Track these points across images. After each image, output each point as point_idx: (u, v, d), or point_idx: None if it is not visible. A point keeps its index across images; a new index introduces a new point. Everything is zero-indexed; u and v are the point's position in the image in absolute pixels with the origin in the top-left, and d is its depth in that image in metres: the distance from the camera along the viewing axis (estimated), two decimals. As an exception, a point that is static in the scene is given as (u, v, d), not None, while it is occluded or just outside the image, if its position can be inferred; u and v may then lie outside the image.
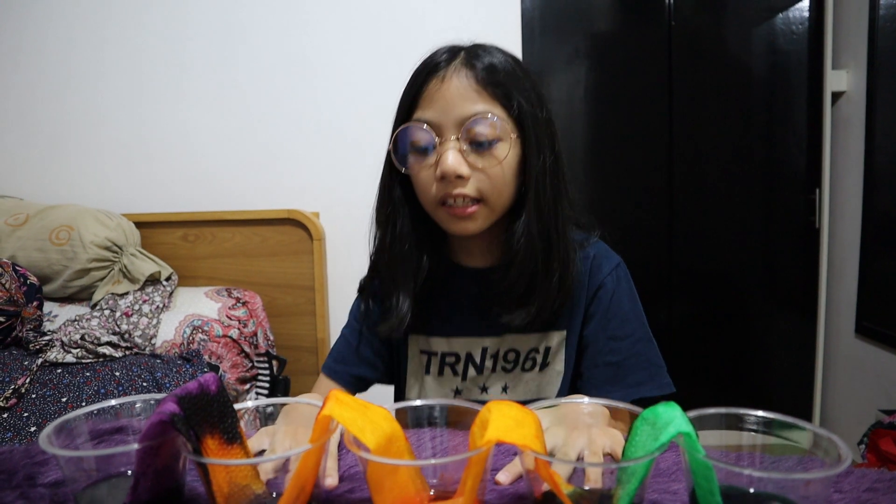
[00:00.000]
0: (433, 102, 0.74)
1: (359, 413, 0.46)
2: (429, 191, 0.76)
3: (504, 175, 0.74)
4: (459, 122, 0.72)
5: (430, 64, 0.76)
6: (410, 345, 0.88)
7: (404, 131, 0.76)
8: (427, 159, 0.75)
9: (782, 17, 2.13)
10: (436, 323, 0.86)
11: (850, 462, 0.39)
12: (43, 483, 0.54)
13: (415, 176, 0.77)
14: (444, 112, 0.73)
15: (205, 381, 0.48)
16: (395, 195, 0.81)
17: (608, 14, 2.24)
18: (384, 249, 0.83)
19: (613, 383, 0.80)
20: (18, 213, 1.79)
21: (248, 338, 1.71)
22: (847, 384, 2.15)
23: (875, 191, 1.99)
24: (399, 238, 0.81)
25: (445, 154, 0.72)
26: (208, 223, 1.96)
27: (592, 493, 0.45)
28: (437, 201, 0.76)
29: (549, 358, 0.83)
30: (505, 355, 0.84)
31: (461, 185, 0.73)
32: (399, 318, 0.81)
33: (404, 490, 0.47)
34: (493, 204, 0.76)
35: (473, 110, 0.72)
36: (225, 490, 0.46)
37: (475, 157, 0.73)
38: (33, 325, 1.53)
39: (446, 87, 0.73)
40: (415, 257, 0.81)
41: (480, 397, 0.86)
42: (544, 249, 0.76)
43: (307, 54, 2.02)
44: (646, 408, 0.44)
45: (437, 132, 0.74)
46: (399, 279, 0.82)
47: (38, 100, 2.06)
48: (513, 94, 0.74)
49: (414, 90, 0.76)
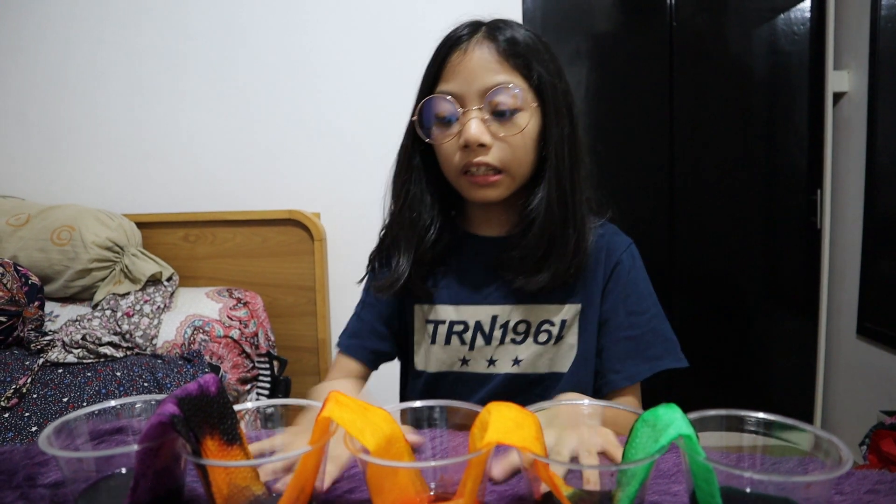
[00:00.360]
0: (456, 74, 0.77)
1: (358, 415, 0.46)
2: (452, 160, 0.79)
3: (525, 144, 0.77)
4: (482, 92, 0.75)
5: (452, 37, 0.79)
6: (416, 315, 0.89)
7: (428, 103, 0.79)
8: (450, 129, 0.78)
9: (784, 18, 2.13)
10: (444, 291, 0.87)
11: (852, 464, 0.39)
12: (43, 483, 0.54)
13: (438, 146, 0.80)
14: (467, 83, 0.76)
15: (204, 382, 0.48)
16: (415, 163, 0.84)
17: (609, 14, 2.23)
18: (395, 214, 0.86)
19: (633, 357, 0.82)
20: (20, 213, 1.79)
21: (249, 338, 1.72)
22: (848, 385, 2.15)
23: (876, 191, 1.99)
24: (410, 204, 0.84)
25: (468, 123, 0.75)
26: (209, 223, 1.96)
27: (592, 495, 0.45)
28: (459, 170, 0.79)
29: (564, 331, 0.84)
30: (515, 326, 0.84)
31: (483, 154, 0.76)
32: (395, 276, 0.84)
33: (404, 491, 0.47)
34: (513, 172, 0.79)
35: (495, 80, 0.75)
36: (224, 491, 0.46)
37: (497, 127, 0.76)
38: (35, 325, 1.53)
39: (468, 58, 0.76)
40: (423, 222, 0.84)
41: (487, 370, 0.86)
42: (562, 216, 0.79)
43: (308, 55, 2.02)
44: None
45: (460, 103, 0.77)
46: (402, 241, 0.84)
47: (39, 100, 2.06)
48: (533, 65, 0.77)
49: (437, 63, 0.79)
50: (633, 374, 0.82)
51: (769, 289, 2.29)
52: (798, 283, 2.25)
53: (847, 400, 2.17)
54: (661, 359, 0.82)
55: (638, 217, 2.25)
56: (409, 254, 0.84)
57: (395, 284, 0.84)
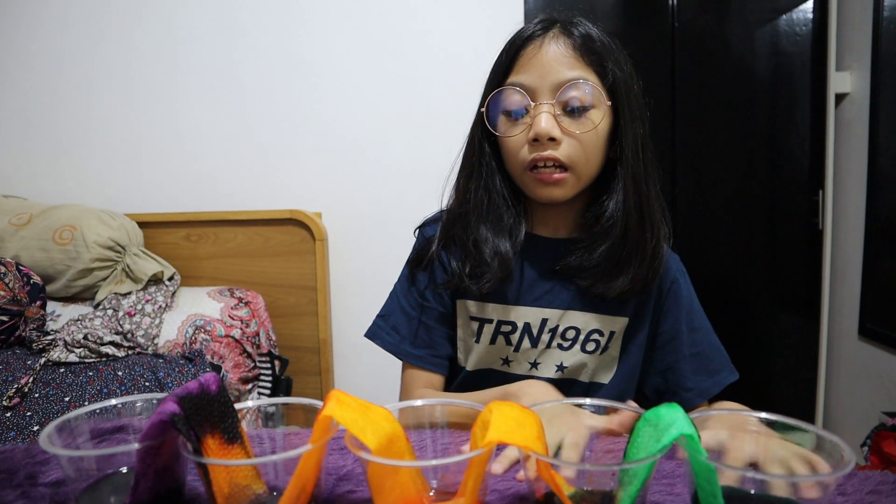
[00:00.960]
0: (530, 67, 0.75)
1: (359, 413, 0.46)
2: (518, 154, 0.77)
3: (595, 143, 0.75)
4: (555, 86, 0.74)
5: (525, 31, 0.77)
6: (459, 312, 0.86)
7: (497, 95, 0.77)
8: (518, 123, 0.76)
9: (786, 19, 2.13)
10: (494, 291, 0.83)
11: (854, 465, 0.39)
12: (44, 482, 0.54)
13: (504, 140, 0.78)
14: (541, 76, 0.74)
15: (205, 380, 0.48)
16: (485, 151, 0.82)
17: (611, 15, 2.23)
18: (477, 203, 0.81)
19: (699, 372, 0.83)
20: (22, 212, 1.79)
21: (251, 338, 1.72)
22: (850, 386, 2.15)
23: (878, 193, 1.98)
24: (490, 193, 0.81)
25: (539, 116, 0.73)
26: (211, 223, 1.96)
27: (594, 495, 0.45)
28: (526, 165, 0.76)
29: (611, 343, 0.83)
30: (564, 332, 0.83)
31: (552, 148, 0.74)
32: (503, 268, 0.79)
33: (405, 490, 0.47)
34: (580, 171, 0.76)
35: (569, 75, 0.73)
36: (225, 490, 0.46)
37: (568, 123, 0.74)
38: (36, 325, 1.54)
39: (544, 52, 0.75)
40: (509, 219, 0.81)
41: (529, 373, 0.84)
42: (639, 218, 0.77)
43: (310, 55, 2.02)
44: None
45: (532, 96, 0.75)
46: (492, 230, 0.80)
47: (42, 100, 2.07)
48: (607, 63, 0.75)
49: (510, 55, 0.78)
50: (703, 391, 0.83)
51: (771, 289, 2.28)
52: (799, 284, 2.25)
53: (848, 401, 2.16)
54: (720, 372, 0.84)
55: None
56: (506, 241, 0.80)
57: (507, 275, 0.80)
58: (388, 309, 0.89)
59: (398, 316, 0.88)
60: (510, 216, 0.82)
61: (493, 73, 0.80)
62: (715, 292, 2.29)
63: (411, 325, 0.87)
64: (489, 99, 0.78)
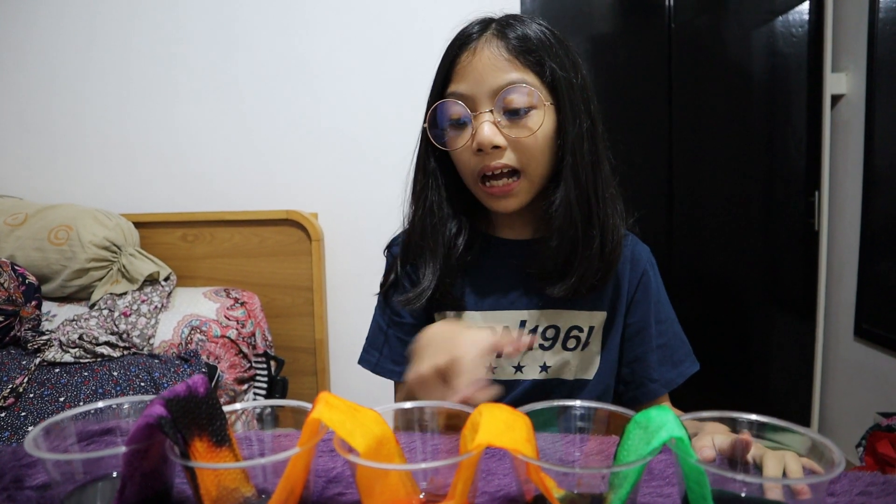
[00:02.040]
0: (466, 75, 0.74)
1: (348, 416, 0.45)
2: (468, 165, 0.76)
3: (540, 144, 0.74)
4: (492, 92, 0.73)
5: (461, 37, 0.77)
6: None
7: (440, 107, 0.77)
8: (464, 133, 0.75)
9: (782, 20, 2.13)
10: (470, 297, 0.84)
11: (843, 467, 0.39)
12: (31, 486, 0.53)
13: (453, 151, 0.78)
14: (477, 84, 0.73)
15: (193, 383, 0.48)
16: (430, 167, 0.81)
17: (608, 16, 2.23)
18: (415, 223, 0.82)
19: (664, 363, 0.84)
20: (17, 212, 1.79)
21: (247, 338, 1.71)
22: (846, 387, 2.15)
23: (874, 193, 1.98)
24: (430, 210, 0.81)
25: (481, 126, 0.73)
26: (207, 223, 1.96)
27: (583, 498, 0.45)
28: (476, 175, 0.76)
29: (591, 338, 0.83)
30: (544, 332, 0.83)
31: (498, 157, 0.74)
32: (419, 290, 0.80)
33: (394, 493, 0.46)
34: (531, 175, 0.76)
35: (506, 80, 0.72)
36: (213, 493, 0.46)
37: (511, 127, 0.73)
38: (32, 325, 1.53)
39: (478, 58, 0.74)
40: (445, 231, 0.81)
41: (514, 377, 0.84)
42: (584, 217, 0.76)
43: (306, 55, 2.02)
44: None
45: (471, 105, 0.74)
46: (427, 251, 0.81)
47: (37, 100, 2.06)
48: (545, 61, 0.74)
49: (447, 64, 0.77)
50: (668, 382, 0.83)
51: (767, 290, 2.29)
52: (796, 285, 2.25)
53: (844, 401, 2.16)
54: (683, 363, 0.84)
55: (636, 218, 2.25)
56: (436, 264, 0.80)
57: (421, 297, 0.80)
58: (371, 331, 0.91)
59: (377, 336, 0.89)
60: (456, 230, 0.81)
61: (433, 83, 0.79)
62: (711, 292, 2.29)
63: (390, 342, 0.88)
64: (430, 113, 0.77)
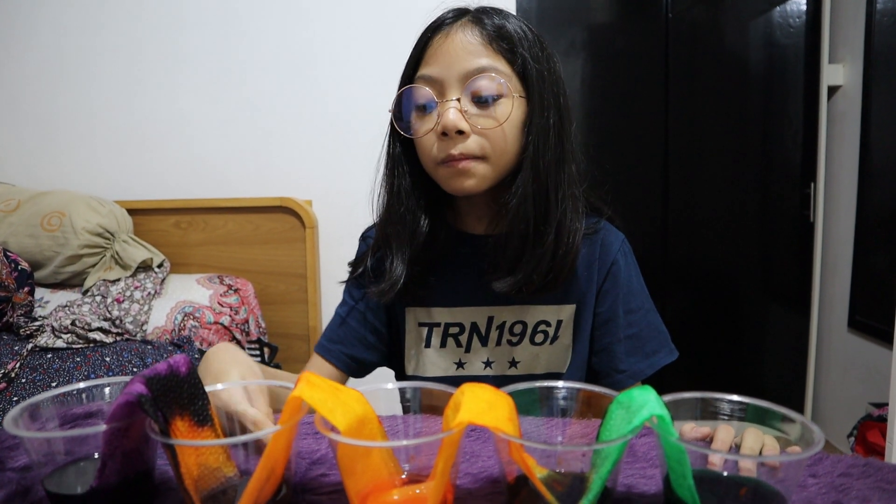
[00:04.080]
0: (437, 58, 0.73)
1: (329, 394, 0.45)
2: (430, 150, 0.74)
3: (506, 134, 0.72)
4: (462, 77, 0.71)
5: (436, 22, 0.75)
6: (408, 318, 0.86)
7: (407, 92, 0.75)
8: (428, 119, 0.74)
9: (779, 11, 2.12)
10: (438, 293, 0.83)
11: (822, 446, 0.39)
12: (12, 468, 0.53)
13: (417, 137, 0.76)
14: (448, 67, 0.72)
15: (174, 362, 0.48)
16: (397, 154, 0.79)
17: (605, 6, 2.22)
18: (382, 211, 0.81)
19: (634, 354, 0.82)
20: (10, 198, 1.78)
21: (240, 325, 1.71)
22: (839, 378, 2.16)
23: (869, 186, 1.99)
24: (397, 197, 0.79)
25: (447, 111, 0.71)
26: (201, 210, 1.95)
27: (565, 477, 0.45)
28: (437, 161, 0.74)
29: (560, 331, 0.83)
30: (511, 327, 0.82)
31: (462, 142, 0.72)
32: (391, 281, 0.79)
33: (376, 473, 0.46)
34: (494, 162, 0.74)
35: (477, 65, 0.71)
36: (194, 472, 0.46)
37: (477, 114, 0.72)
38: (24, 311, 1.53)
39: (450, 42, 0.72)
40: (413, 219, 0.79)
41: (484, 372, 0.84)
42: (539, 213, 0.74)
43: (301, 43, 2.01)
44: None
45: (440, 89, 0.73)
46: (394, 241, 0.79)
47: (30, 86, 2.05)
48: (518, 50, 0.73)
49: (419, 47, 0.76)
50: (636, 373, 0.81)
51: (762, 282, 2.29)
52: (790, 277, 2.25)
53: (837, 392, 2.17)
54: (657, 353, 0.82)
55: (631, 209, 2.24)
56: (403, 253, 0.79)
57: (393, 288, 0.79)
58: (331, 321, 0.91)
59: (332, 321, 0.90)
60: (420, 218, 0.80)
61: (405, 67, 0.78)
62: (706, 283, 2.30)
63: (334, 323, 0.88)
64: (397, 97, 0.76)
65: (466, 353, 0.84)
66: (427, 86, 0.73)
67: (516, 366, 0.83)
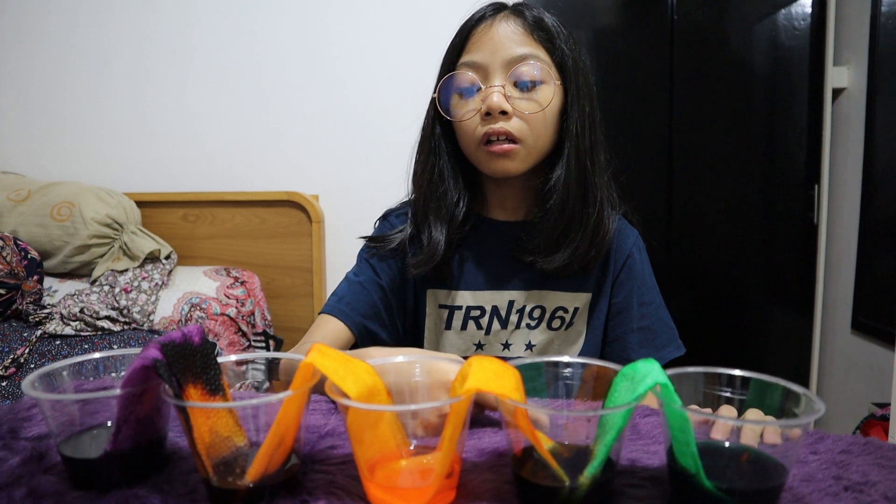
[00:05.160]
0: (481, 45, 0.77)
1: (341, 363, 0.46)
2: (471, 131, 0.78)
3: (545, 118, 0.77)
4: (506, 62, 0.76)
5: (477, 13, 0.80)
6: (429, 302, 0.87)
7: (449, 79, 0.79)
8: (471, 103, 0.78)
9: (784, 13, 2.13)
10: (462, 277, 0.86)
11: (823, 413, 0.39)
12: (25, 437, 0.55)
13: (458, 120, 0.80)
14: (492, 53, 0.76)
15: (188, 331, 0.49)
16: (437, 135, 0.83)
17: (611, 8, 2.23)
18: (422, 185, 0.84)
19: (645, 346, 0.86)
20: (21, 188, 1.80)
21: (246, 317, 1.72)
22: (842, 378, 2.16)
23: (873, 188, 1.99)
24: (440, 176, 0.83)
25: (491, 94, 0.75)
26: (209, 204, 1.96)
27: (570, 448, 0.46)
28: (479, 140, 0.78)
29: (575, 318, 0.86)
30: (531, 311, 0.85)
31: (503, 121, 0.76)
32: (430, 252, 0.81)
33: (385, 443, 0.47)
34: (530, 146, 0.78)
35: (519, 52, 0.76)
36: (206, 439, 0.47)
37: (519, 99, 0.76)
38: (33, 299, 1.54)
39: (494, 30, 0.77)
40: (451, 201, 0.82)
41: (502, 354, 0.86)
42: (581, 193, 0.79)
43: (310, 38, 2.02)
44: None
45: (484, 74, 0.77)
46: (432, 215, 0.82)
47: (42, 78, 2.07)
48: (556, 41, 0.78)
49: (462, 36, 0.80)
50: None
51: (766, 283, 2.29)
52: (794, 278, 2.25)
53: (841, 392, 2.17)
54: (666, 347, 0.86)
55: (636, 210, 2.25)
56: (443, 227, 0.81)
57: (433, 259, 0.80)
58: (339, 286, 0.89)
59: (342, 284, 0.87)
60: (457, 199, 0.83)
61: (446, 55, 0.82)
62: (710, 284, 2.30)
63: (350, 288, 0.86)
64: (441, 83, 0.80)
65: (486, 335, 0.86)
66: (471, 71, 0.78)
67: (531, 348, 0.86)
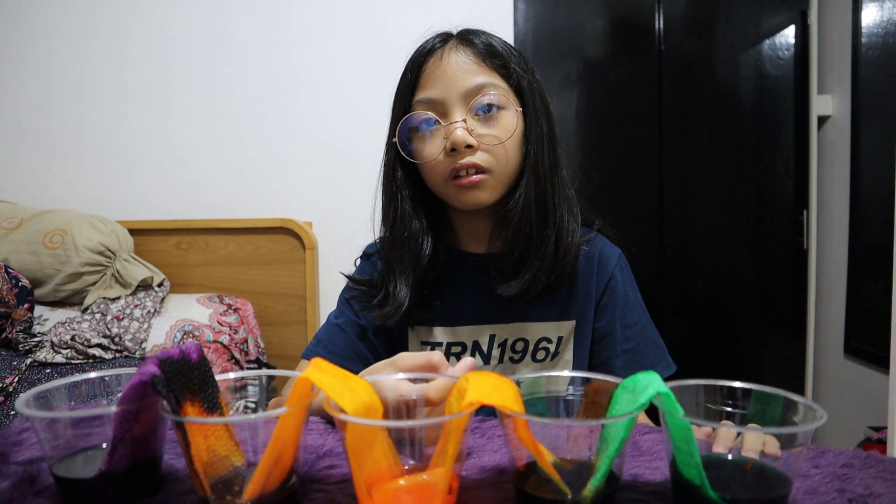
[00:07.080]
0: (435, 80, 0.76)
1: (338, 379, 0.46)
2: (437, 168, 0.76)
3: (509, 145, 0.76)
4: (463, 95, 0.74)
5: (425, 47, 0.78)
6: (410, 339, 0.86)
7: (408, 118, 0.77)
8: (433, 139, 0.76)
9: (769, 43, 2.19)
10: (439, 313, 0.84)
11: (825, 420, 0.40)
12: (16, 461, 0.54)
13: (421, 159, 0.78)
14: (447, 87, 0.75)
15: (186, 348, 0.48)
16: (398, 178, 0.81)
17: (600, 38, 2.29)
18: (386, 235, 0.82)
19: (631, 368, 0.82)
20: (13, 216, 1.79)
21: (239, 344, 1.71)
22: (836, 403, 2.15)
23: (861, 212, 2.02)
24: (401, 221, 0.81)
25: (454, 129, 0.74)
26: (202, 231, 1.96)
27: (572, 461, 0.46)
28: (447, 176, 0.76)
29: (561, 347, 0.83)
30: (513, 345, 0.83)
31: (470, 155, 0.74)
32: (396, 305, 0.79)
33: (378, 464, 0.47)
34: (499, 174, 0.76)
35: (476, 82, 0.74)
36: (204, 457, 0.46)
37: (481, 130, 0.75)
38: (24, 327, 1.52)
39: (445, 63, 0.75)
40: (416, 243, 0.80)
41: None
42: (539, 215, 0.77)
43: (301, 65, 2.05)
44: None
45: (442, 110, 0.75)
46: (398, 265, 0.80)
47: (34, 106, 2.08)
48: (509, 65, 0.77)
49: (413, 73, 0.78)
50: None
51: (758, 308, 2.30)
52: (786, 303, 2.27)
53: (835, 417, 2.16)
54: (654, 367, 0.83)
55: (627, 237, 2.26)
56: (408, 276, 0.80)
57: (398, 312, 0.79)
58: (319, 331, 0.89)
59: (322, 328, 0.88)
60: (422, 240, 0.81)
61: (398, 93, 0.80)
62: (702, 310, 2.30)
63: (331, 333, 0.86)
64: (400, 125, 0.78)
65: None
66: (428, 109, 0.76)
67: (519, 384, 0.83)
